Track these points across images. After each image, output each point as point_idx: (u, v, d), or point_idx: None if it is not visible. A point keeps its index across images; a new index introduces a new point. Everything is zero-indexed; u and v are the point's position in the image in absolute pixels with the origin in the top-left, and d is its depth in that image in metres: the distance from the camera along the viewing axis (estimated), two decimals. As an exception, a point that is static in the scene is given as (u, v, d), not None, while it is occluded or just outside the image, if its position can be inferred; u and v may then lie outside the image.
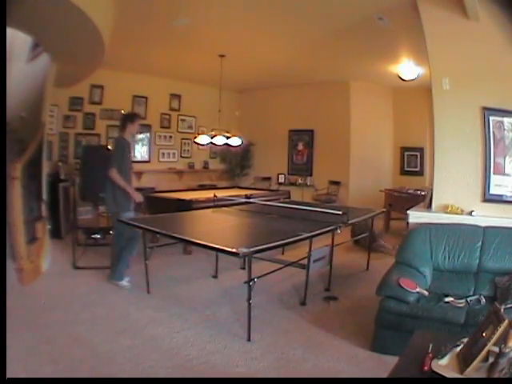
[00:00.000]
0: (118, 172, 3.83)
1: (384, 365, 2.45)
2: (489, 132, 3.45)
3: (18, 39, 4.29)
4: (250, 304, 2.92)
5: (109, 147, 7.03)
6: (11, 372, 2.05)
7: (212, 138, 6.95)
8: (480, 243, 3.15)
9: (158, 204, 5.91)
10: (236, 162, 9.51)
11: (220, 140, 6.91)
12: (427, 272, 3.16)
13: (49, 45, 4.48)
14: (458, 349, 1.70)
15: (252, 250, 2.79)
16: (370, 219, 5.00)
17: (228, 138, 6.98)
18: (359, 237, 5.38)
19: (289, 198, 7.06)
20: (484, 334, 1.59)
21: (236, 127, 7.85)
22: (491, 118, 3.44)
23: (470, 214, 3.48)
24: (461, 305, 2.72)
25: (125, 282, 3.99)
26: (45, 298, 3.62)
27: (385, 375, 1.73)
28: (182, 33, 5.33)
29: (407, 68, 6.56)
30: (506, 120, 3.41)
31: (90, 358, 2.65)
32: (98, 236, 5.10)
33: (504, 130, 3.42)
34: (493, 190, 3.47)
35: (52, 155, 6.85)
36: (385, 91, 8.57)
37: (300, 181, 9.18)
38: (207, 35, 5.46)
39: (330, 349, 2.86)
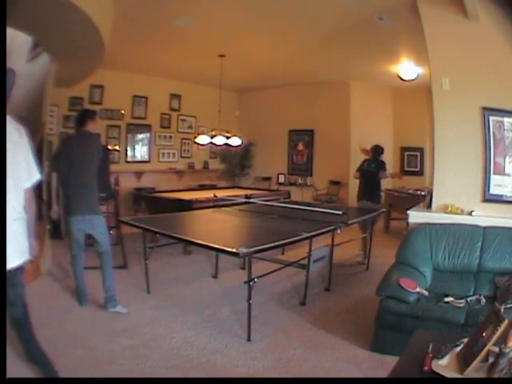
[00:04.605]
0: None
1: (384, 365, 2.46)
2: (489, 132, 3.45)
3: (17, 39, 4.28)
4: (250, 304, 2.92)
5: (109, 147, 7.06)
6: (11, 372, 2.04)
7: (212, 137, 6.94)
8: (480, 243, 3.15)
9: (158, 204, 5.91)
10: (236, 162, 9.50)
11: (220, 140, 6.90)
12: (427, 272, 3.16)
13: (49, 45, 4.47)
14: (458, 349, 1.70)
15: (252, 250, 2.80)
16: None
17: (228, 137, 6.97)
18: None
19: (289, 198, 7.06)
20: (484, 334, 1.59)
21: (236, 127, 7.84)
22: (491, 118, 3.44)
23: (470, 214, 3.48)
24: (461, 305, 2.72)
25: None
26: (45, 298, 3.62)
27: (385, 375, 1.73)
28: (182, 33, 5.33)
29: (407, 68, 6.55)
30: (506, 120, 3.41)
31: (89, 358, 2.65)
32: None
33: (504, 130, 3.42)
34: (493, 190, 3.47)
35: (52, 155, 6.84)
36: (385, 91, 8.56)
37: (300, 181, 9.17)
38: (207, 35, 5.45)
39: (329, 349, 2.86)
